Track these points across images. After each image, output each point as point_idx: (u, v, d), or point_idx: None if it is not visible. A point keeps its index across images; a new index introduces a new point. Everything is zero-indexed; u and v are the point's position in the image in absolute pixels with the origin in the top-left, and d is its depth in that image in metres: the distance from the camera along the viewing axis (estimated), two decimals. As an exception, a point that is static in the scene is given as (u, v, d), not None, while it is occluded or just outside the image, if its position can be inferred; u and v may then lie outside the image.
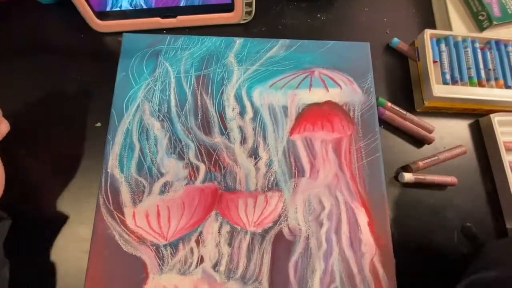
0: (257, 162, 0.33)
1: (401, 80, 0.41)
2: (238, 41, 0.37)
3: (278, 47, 0.37)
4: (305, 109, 0.35)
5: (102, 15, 0.37)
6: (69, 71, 0.38)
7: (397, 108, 0.38)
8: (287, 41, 0.38)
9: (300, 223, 0.31)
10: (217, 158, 0.33)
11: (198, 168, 0.32)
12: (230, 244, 0.30)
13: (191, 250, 0.30)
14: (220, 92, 0.35)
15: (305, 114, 0.35)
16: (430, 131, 0.38)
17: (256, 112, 0.35)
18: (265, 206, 0.31)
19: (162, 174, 0.32)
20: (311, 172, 0.33)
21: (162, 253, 0.29)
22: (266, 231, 0.31)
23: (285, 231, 0.31)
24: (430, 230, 0.35)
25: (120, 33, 0.38)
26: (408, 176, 0.35)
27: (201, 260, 0.30)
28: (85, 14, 0.37)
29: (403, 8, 0.46)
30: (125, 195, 0.31)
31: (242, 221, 0.31)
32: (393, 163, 0.37)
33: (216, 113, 0.34)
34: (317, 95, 0.36)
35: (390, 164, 0.37)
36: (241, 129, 0.34)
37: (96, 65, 0.38)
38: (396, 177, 0.36)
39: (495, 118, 0.38)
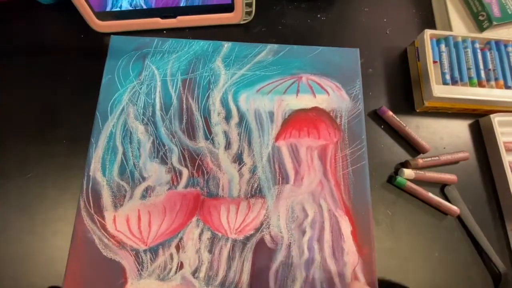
0: (241, 168, 0.33)
1: (401, 80, 0.41)
2: (226, 45, 0.37)
3: (266, 52, 0.37)
4: (291, 115, 0.35)
5: (102, 15, 0.37)
6: (69, 71, 0.38)
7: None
8: (275, 46, 0.37)
9: (282, 231, 0.31)
10: (201, 163, 0.32)
11: (181, 173, 0.32)
12: (210, 250, 0.30)
13: (171, 256, 0.30)
14: (206, 96, 0.35)
15: (291, 120, 0.35)
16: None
17: (242, 117, 0.34)
18: (247, 213, 0.31)
19: (144, 179, 0.31)
20: (295, 179, 0.33)
21: (142, 258, 0.29)
22: (247, 239, 0.30)
23: (267, 238, 0.31)
24: (429, 231, 0.35)
25: (120, 33, 0.38)
26: (408, 172, 0.35)
27: (180, 266, 0.29)
28: (85, 14, 0.37)
29: (403, 8, 0.45)
30: (106, 199, 0.31)
31: (223, 227, 0.31)
32: (392, 162, 0.37)
33: (201, 118, 0.34)
34: (304, 101, 0.36)
35: (389, 163, 0.37)
36: (226, 134, 0.34)
37: (96, 65, 0.37)
38: (394, 177, 0.36)
39: (495, 119, 0.37)
